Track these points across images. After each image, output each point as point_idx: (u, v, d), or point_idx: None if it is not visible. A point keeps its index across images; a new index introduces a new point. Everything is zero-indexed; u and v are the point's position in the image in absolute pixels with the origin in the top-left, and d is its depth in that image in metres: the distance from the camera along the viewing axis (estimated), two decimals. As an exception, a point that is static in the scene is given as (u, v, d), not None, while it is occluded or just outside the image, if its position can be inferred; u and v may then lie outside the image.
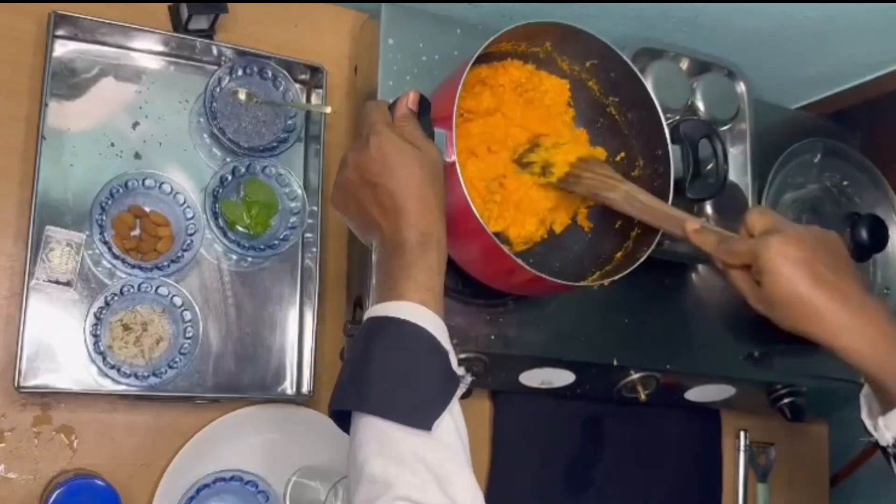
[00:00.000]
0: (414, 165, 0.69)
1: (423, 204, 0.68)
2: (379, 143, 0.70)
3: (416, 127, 0.73)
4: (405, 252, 0.67)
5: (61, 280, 0.84)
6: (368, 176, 0.70)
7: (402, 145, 0.70)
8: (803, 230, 0.71)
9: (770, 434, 1.23)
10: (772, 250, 0.69)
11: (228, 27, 0.96)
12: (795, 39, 1.10)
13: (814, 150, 1.14)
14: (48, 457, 0.84)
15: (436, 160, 0.71)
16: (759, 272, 0.70)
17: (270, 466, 0.90)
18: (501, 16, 1.04)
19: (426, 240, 0.67)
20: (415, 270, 0.66)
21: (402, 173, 0.69)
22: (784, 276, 0.69)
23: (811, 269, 0.69)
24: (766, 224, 0.72)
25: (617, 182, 0.83)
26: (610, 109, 0.92)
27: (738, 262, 0.73)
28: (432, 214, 0.69)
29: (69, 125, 0.88)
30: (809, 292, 0.69)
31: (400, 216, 0.68)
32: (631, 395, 1.03)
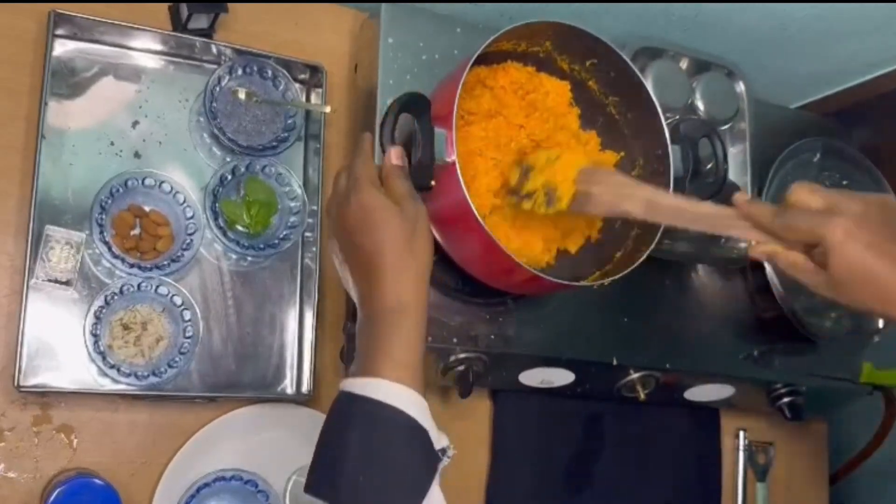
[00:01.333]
0: (392, 225, 0.68)
1: (399, 268, 0.67)
2: (359, 200, 0.69)
3: (401, 183, 0.71)
4: (381, 322, 0.66)
5: (61, 279, 0.84)
6: (347, 235, 0.70)
7: (382, 203, 0.69)
8: (864, 206, 0.66)
9: (769, 433, 1.23)
10: (839, 233, 0.64)
11: (228, 26, 0.96)
12: (795, 39, 1.10)
13: (813, 149, 1.14)
14: (48, 456, 0.84)
15: (416, 217, 0.69)
16: (825, 254, 0.65)
17: (270, 465, 0.90)
18: (501, 15, 1.04)
19: (402, 308, 0.66)
20: (391, 344, 0.65)
21: (380, 234, 0.67)
22: (856, 259, 0.64)
23: (882, 249, 0.65)
24: (824, 202, 0.67)
25: (633, 189, 0.77)
26: (610, 109, 0.92)
27: (797, 239, 0.68)
28: (409, 280, 0.67)
29: (69, 124, 0.88)
30: (884, 272, 0.64)
31: (376, 282, 0.67)
32: (630, 394, 1.04)
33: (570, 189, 0.79)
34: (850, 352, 1.15)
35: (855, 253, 0.64)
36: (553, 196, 0.80)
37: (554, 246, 0.90)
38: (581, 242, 0.91)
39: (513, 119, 0.88)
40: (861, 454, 1.30)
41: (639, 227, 0.88)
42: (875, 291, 0.65)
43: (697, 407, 1.14)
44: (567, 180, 0.79)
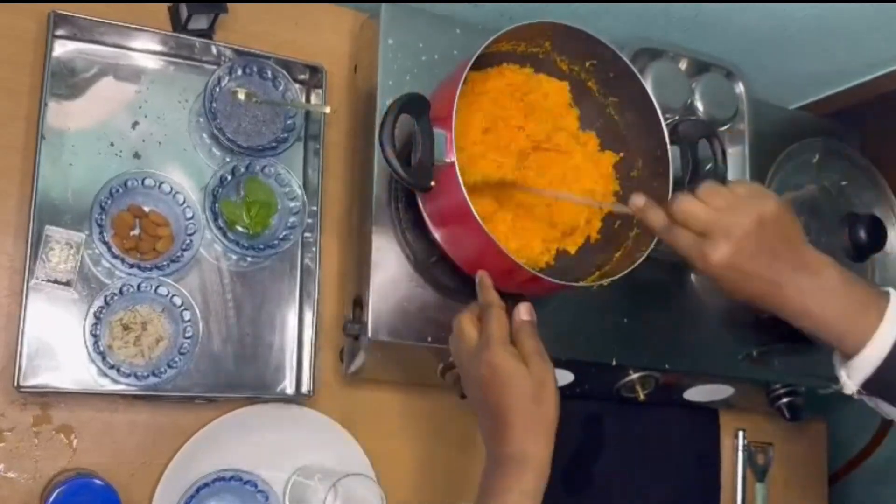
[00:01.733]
0: (521, 386, 0.71)
1: (523, 422, 0.70)
2: (491, 361, 0.72)
3: (532, 340, 0.74)
4: (502, 468, 0.70)
5: (61, 279, 0.84)
6: (476, 388, 0.73)
7: (512, 365, 0.72)
8: (739, 232, 0.71)
9: (768, 434, 1.23)
10: (712, 265, 0.72)
11: (228, 27, 0.96)
12: (795, 39, 1.10)
13: (812, 150, 1.15)
14: (48, 456, 0.84)
15: (543, 377, 0.72)
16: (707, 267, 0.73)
17: (270, 466, 0.90)
18: (501, 15, 1.05)
19: (524, 459, 0.70)
20: (508, 490, 0.69)
21: (508, 394, 0.71)
22: (730, 283, 0.73)
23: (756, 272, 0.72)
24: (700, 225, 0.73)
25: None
26: (609, 110, 0.92)
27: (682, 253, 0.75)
28: (532, 434, 0.71)
29: (69, 124, 0.88)
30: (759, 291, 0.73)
31: (502, 432, 0.71)
32: (630, 394, 1.04)
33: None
34: (850, 352, 1.15)
35: (729, 280, 0.73)
36: None
37: (553, 246, 0.90)
38: (580, 243, 0.91)
39: (511, 121, 0.88)
40: (860, 455, 1.30)
41: (638, 228, 0.88)
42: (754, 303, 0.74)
43: (697, 407, 1.14)
44: None
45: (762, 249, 0.72)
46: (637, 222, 0.83)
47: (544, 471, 0.70)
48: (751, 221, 0.72)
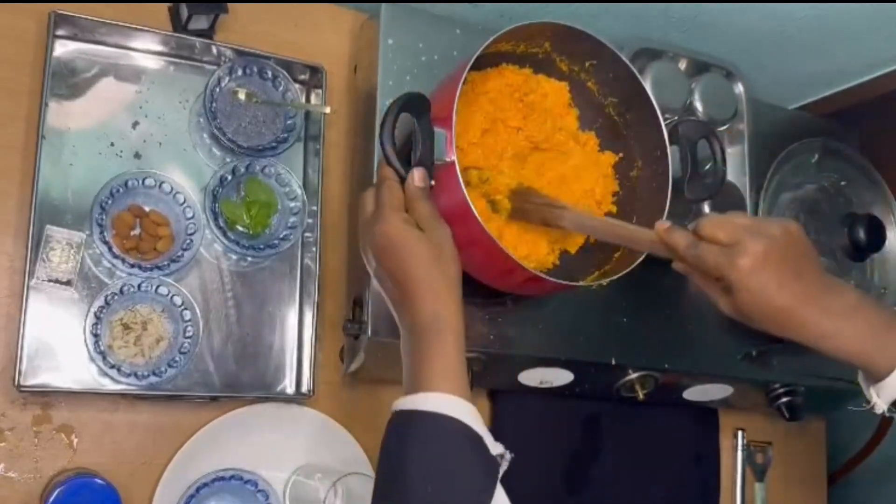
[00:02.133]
0: (418, 249, 0.70)
1: (428, 286, 0.69)
2: (384, 229, 0.71)
3: (426, 206, 0.73)
4: (420, 338, 0.68)
5: (61, 279, 0.84)
6: (377, 261, 0.72)
7: (406, 231, 0.71)
8: (768, 242, 0.69)
9: (768, 433, 1.23)
10: (740, 273, 0.69)
11: (228, 27, 0.96)
12: (794, 39, 1.10)
13: (812, 150, 1.15)
14: (48, 456, 0.84)
15: (441, 241, 0.71)
16: (730, 289, 0.70)
17: (270, 465, 0.90)
18: (501, 16, 1.05)
19: (438, 321, 0.68)
20: (432, 356, 0.67)
21: (407, 261, 0.70)
22: (757, 294, 0.70)
23: (781, 285, 0.69)
24: (729, 237, 0.71)
25: (560, 210, 0.82)
26: (609, 110, 0.92)
27: (706, 270, 0.72)
28: (440, 296, 0.69)
29: (69, 125, 0.88)
30: (785, 300, 0.70)
31: (410, 301, 0.70)
32: (629, 394, 1.04)
33: (506, 205, 0.84)
34: (849, 352, 1.15)
35: (756, 289, 0.69)
36: (496, 206, 0.85)
37: (557, 247, 0.90)
38: (581, 243, 0.91)
39: (510, 122, 0.88)
40: (859, 454, 1.30)
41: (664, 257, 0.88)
42: (775, 321, 0.71)
43: (696, 407, 1.14)
44: (503, 198, 0.84)
45: (787, 261, 0.70)
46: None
47: (461, 327, 0.69)
48: (778, 232, 0.70)
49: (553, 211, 0.82)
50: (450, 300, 0.70)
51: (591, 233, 0.84)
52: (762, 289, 0.69)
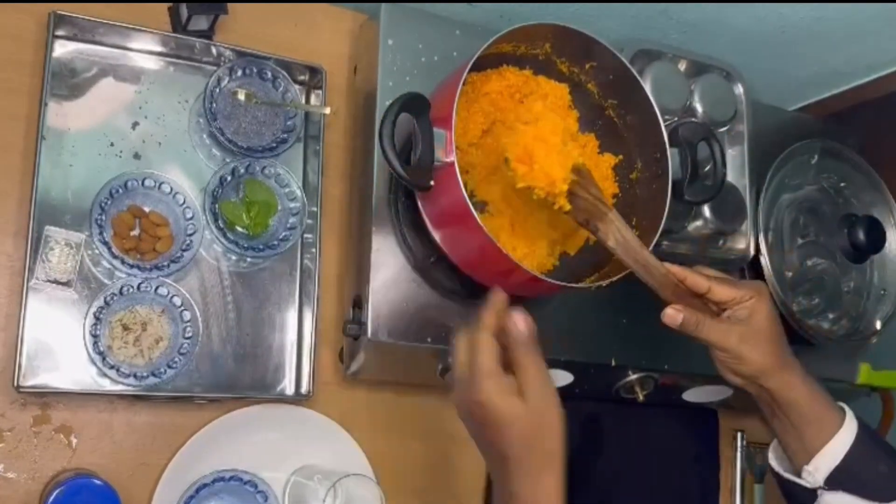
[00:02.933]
0: (515, 428, 0.67)
1: (526, 468, 0.67)
2: (479, 402, 0.67)
3: (531, 360, 0.68)
4: None
5: (61, 280, 0.84)
6: (475, 432, 0.70)
7: (502, 404, 0.67)
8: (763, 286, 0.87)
9: (767, 434, 1.23)
10: (768, 297, 0.84)
11: (228, 28, 0.96)
12: (793, 41, 1.10)
13: (811, 151, 1.15)
14: (47, 456, 0.84)
15: (543, 409, 0.68)
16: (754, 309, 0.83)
17: (269, 466, 0.90)
18: (500, 17, 1.05)
19: (530, 499, 0.68)
20: None
21: (504, 439, 0.67)
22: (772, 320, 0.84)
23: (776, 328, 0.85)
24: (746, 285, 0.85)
25: (606, 209, 0.81)
26: (609, 112, 0.92)
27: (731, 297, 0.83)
28: (538, 478, 0.68)
29: (69, 125, 0.88)
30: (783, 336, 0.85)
31: (508, 478, 0.68)
32: (629, 395, 1.04)
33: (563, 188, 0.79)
34: (848, 353, 1.15)
35: (773, 315, 0.84)
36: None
37: (557, 249, 0.90)
38: (580, 245, 0.91)
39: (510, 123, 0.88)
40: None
41: (638, 230, 0.88)
42: (772, 348, 0.83)
43: (696, 408, 1.14)
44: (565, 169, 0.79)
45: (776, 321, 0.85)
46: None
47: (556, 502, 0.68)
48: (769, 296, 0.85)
49: (601, 209, 0.80)
50: (549, 480, 0.68)
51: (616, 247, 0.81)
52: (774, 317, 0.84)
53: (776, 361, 0.84)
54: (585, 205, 0.80)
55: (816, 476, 0.83)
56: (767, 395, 0.85)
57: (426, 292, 0.89)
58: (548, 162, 0.78)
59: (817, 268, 1.14)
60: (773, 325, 0.84)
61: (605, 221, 0.81)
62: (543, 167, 0.78)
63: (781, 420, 0.86)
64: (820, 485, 0.83)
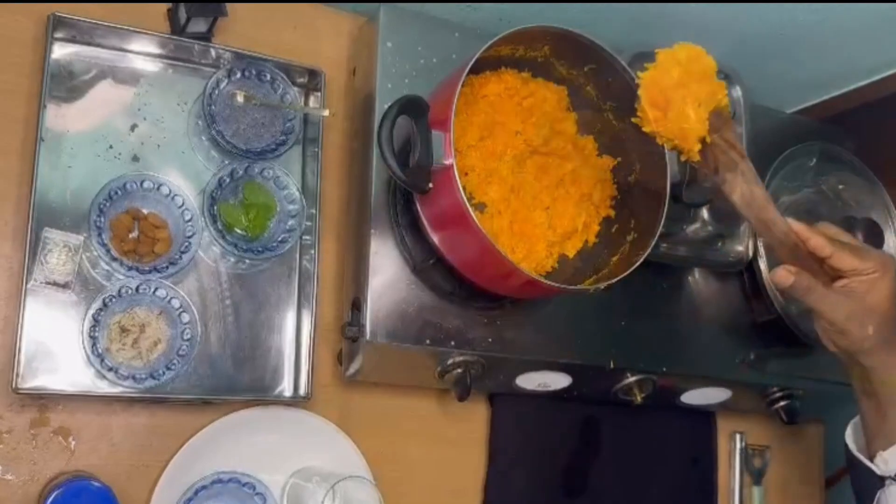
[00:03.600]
0: None
1: None
2: None
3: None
4: None
5: (59, 282, 0.84)
6: None
7: None
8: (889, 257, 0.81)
9: (765, 437, 1.23)
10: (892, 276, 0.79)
11: (227, 30, 0.96)
12: (791, 44, 1.10)
13: (810, 153, 1.15)
14: (45, 458, 0.84)
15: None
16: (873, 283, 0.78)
17: (268, 468, 0.90)
18: (499, 20, 1.05)
19: None
20: None
21: None
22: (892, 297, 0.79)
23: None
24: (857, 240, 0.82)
25: (739, 158, 0.78)
26: (607, 114, 0.93)
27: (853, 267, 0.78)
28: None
29: (67, 127, 0.88)
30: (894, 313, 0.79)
31: None
32: (627, 397, 1.04)
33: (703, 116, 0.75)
34: (846, 356, 1.15)
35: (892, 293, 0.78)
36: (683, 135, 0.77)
37: (556, 251, 0.90)
38: (579, 246, 0.91)
39: (508, 125, 0.88)
40: (856, 458, 1.30)
41: (636, 232, 0.89)
42: (882, 328, 0.78)
43: (694, 410, 1.14)
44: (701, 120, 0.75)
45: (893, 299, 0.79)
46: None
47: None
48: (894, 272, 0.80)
49: (733, 158, 0.78)
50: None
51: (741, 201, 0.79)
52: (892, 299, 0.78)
53: (882, 341, 0.79)
54: (717, 152, 0.77)
55: (891, 465, 0.79)
56: (862, 372, 0.82)
57: (425, 294, 0.89)
58: (684, 113, 0.73)
59: (816, 270, 1.14)
60: (889, 304, 0.78)
61: (735, 172, 0.77)
62: (679, 119, 0.74)
63: (870, 399, 0.82)
64: (891, 475, 0.79)
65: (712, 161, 0.77)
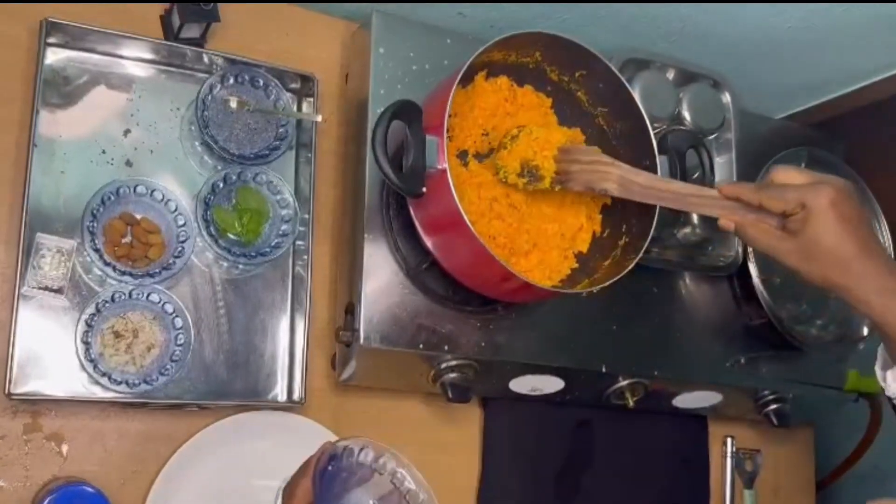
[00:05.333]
0: None
1: None
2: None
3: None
4: None
5: (52, 287, 0.84)
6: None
7: None
8: (844, 184, 0.73)
9: (756, 440, 1.24)
10: (825, 201, 0.71)
11: (220, 36, 0.96)
12: (780, 50, 1.11)
13: (798, 159, 1.16)
14: (38, 464, 0.83)
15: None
16: (804, 220, 0.72)
17: (261, 473, 0.90)
18: (491, 27, 1.06)
19: None
20: None
21: None
22: (831, 227, 0.71)
23: (851, 223, 0.72)
24: (809, 178, 0.74)
25: (608, 167, 0.80)
26: (598, 120, 0.93)
27: (781, 209, 0.74)
28: None
29: (61, 132, 0.88)
30: (847, 245, 0.71)
31: None
32: (619, 401, 1.04)
33: (550, 167, 0.81)
34: (836, 359, 1.16)
35: (833, 222, 0.71)
36: (535, 174, 0.83)
37: (570, 252, 0.90)
38: (589, 239, 0.91)
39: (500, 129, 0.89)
40: (847, 461, 1.31)
41: (627, 237, 0.89)
42: (836, 263, 0.72)
43: (686, 414, 1.15)
44: (547, 158, 0.82)
45: (854, 209, 0.73)
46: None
47: None
48: (843, 183, 0.74)
49: (599, 170, 0.79)
50: None
51: (639, 194, 0.79)
52: (837, 223, 0.71)
53: (843, 277, 0.72)
54: (585, 175, 0.80)
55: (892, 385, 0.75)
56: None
57: (418, 299, 0.90)
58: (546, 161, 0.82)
59: (805, 274, 1.14)
60: (834, 237, 0.71)
61: (611, 180, 0.79)
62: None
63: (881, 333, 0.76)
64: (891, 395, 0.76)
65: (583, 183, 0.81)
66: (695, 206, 0.78)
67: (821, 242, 0.72)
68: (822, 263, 0.73)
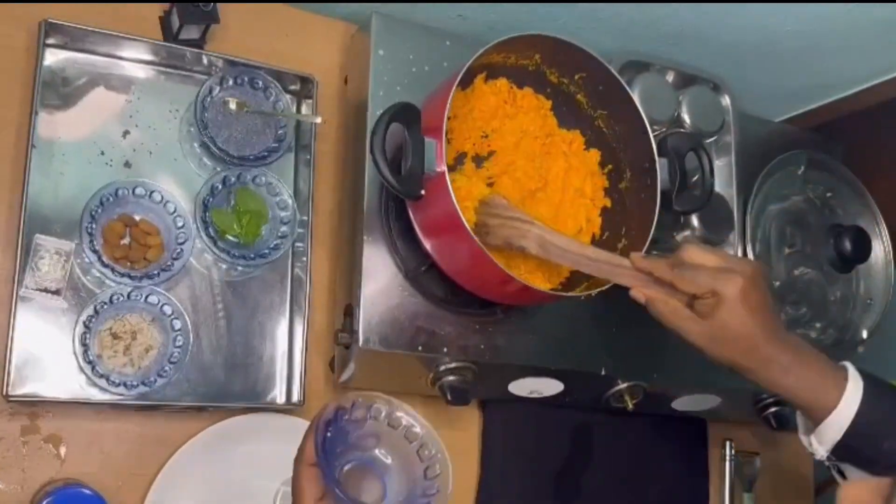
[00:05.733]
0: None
1: None
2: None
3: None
4: None
5: (50, 288, 0.84)
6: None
7: None
8: (751, 269, 0.76)
9: (756, 444, 1.24)
10: (735, 290, 0.74)
11: (219, 37, 0.96)
12: (780, 53, 1.11)
13: (798, 162, 1.16)
14: (36, 466, 0.83)
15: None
16: (715, 306, 0.75)
17: (260, 475, 0.90)
18: (490, 29, 1.06)
19: None
20: None
21: None
22: (740, 316, 0.74)
23: (759, 311, 0.75)
24: (719, 260, 0.77)
25: (527, 225, 0.80)
26: (598, 122, 0.93)
27: (692, 292, 0.76)
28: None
29: (59, 134, 0.88)
30: (755, 332, 0.75)
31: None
32: (618, 404, 1.04)
33: (471, 218, 0.82)
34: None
35: (742, 311, 0.74)
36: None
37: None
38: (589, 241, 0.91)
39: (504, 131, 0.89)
40: (845, 465, 1.31)
41: (626, 239, 0.89)
42: (744, 348, 0.75)
43: (685, 417, 1.15)
44: (468, 209, 0.82)
45: (762, 294, 0.76)
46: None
47: None
48: (754, 267, 0.76)
49: (518, 227, 0.80)
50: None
51: (557, 256, 0.80)
52: (745, 312, 0.74)
53: (749, 361, 0.76)
54: (505, 231, 0.81)
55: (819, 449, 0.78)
56: None
57: (417, 301, 0.90)
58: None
59: (804, 277, 1.15)
60: (740, 323, 0.74)
61: (528, 238, 0.79)
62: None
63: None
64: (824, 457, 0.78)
65: (501, 238, 0.81)
66: (607, 273, 0.79)
67: (730, 328, 0.74)
68: (730, 348, 0.76)
